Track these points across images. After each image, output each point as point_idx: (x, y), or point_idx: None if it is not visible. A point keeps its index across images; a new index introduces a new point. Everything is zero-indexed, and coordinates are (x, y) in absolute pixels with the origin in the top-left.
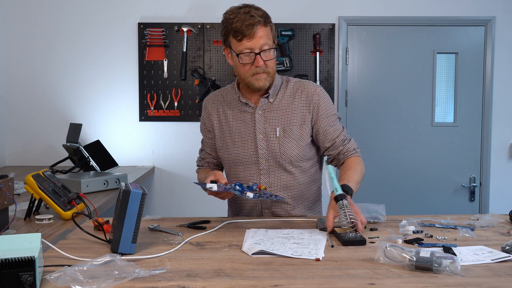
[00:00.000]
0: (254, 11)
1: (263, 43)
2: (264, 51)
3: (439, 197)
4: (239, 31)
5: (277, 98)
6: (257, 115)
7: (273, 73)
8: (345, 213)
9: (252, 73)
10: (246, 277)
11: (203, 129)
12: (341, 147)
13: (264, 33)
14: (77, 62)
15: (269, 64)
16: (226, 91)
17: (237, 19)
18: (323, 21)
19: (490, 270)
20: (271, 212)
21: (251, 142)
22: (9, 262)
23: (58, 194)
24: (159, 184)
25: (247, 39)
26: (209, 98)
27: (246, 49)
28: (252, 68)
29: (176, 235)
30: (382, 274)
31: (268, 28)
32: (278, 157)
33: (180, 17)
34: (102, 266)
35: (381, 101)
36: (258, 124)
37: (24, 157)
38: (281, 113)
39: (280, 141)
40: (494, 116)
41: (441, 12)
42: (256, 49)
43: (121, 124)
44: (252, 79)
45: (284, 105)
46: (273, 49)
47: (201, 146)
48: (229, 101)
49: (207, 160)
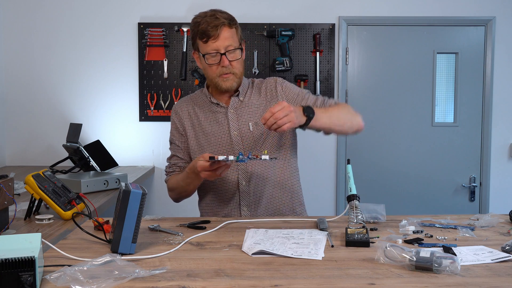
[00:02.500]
0: (219, 14)
1: (228, 43)
2: (229, 52)
3: (439, 197)
4: (205, 33)
5: (246, 96)
6: (229, 113)
7: (240, 74)
8: (354, 213)
9: (219, 74)
10: (246, 277)
11: (174, 134)
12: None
13: (229, 34)
14: (77, 62)
15: (234, 64)
16: (195, 96)
17: (203, 21)
18: (323, 21)
19: (490, 270)
20: (250, 211)
21: (226, 140)
22: (9, 262)
23: (58, 194)
24: (159, 184)
25: (212, 40)
26: (178, 103)
27: (212, 50)
28: (218, 68)
29: (176, 235)
30: (382, 274)
31: (233, 30)
32: (254, 150)
33: (180, 17)
34: (102, 266)
35: (381, 101)
36: (232, 122)
37: (24, 157)
38: (252, 109)
39: (254, 134)
40: (494, 116)
41: (441, 12)
42: (221, 49)
43: (121, 124)
44: (219, 79)
45: (254, 101)
46: (238, 49)
47: (171, 153)
48: (200, 104)
49: (179, 165)
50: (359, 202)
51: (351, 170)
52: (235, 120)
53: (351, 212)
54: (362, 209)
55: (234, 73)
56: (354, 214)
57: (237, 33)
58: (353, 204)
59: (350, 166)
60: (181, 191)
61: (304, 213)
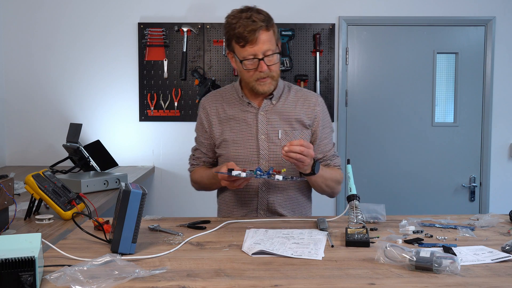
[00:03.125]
0: (256, 16)
1: (266, 48)
2: (267, 56)
3: (439, 197)
4: (242, 37)
5: (279, 101)
6: (259, 116)
7: (277, 76)
8: (354, 213)
9: (256, 78)
10: (246, 277)
11: (199, 129)
12: (329, 161)
13: (267, 37)
14: (77, 62)
15: (272, 68)
16: (226, 91)
17: (239, 24)
18: (323, 21)
19: (490, 270)
20: (266, 215)
21: (252, 142)
22: (9, 262)
23: (58, 194)
24: (159, 184)
25: (250, 45)
26: (207, 97)
27: (249, 55)
28: (256, 73)
29: (176, 235)
30: (382, 274)
31: (270, 32)
32: (280, 159)
33: (180, 17)
34: (102, 266)
35: (381, 101)
36: (261, 125)
37: (24, 157)
38: (283, 116)
39: (282, 143)
40: (494, 116)
41: (441, 12)
42: (259, 54)
43: (121, 124)
44: (256, 84)
45: (287, 109)
46: (277, 53)
47: (196, 145)
48: (230, 100)
49: (203, 159)
50: (359, 202)
51: (351, 170)
52: (264, 124)
53: (351, 212)
54: (362, 209)
55: (272, 77)
56: (354, 214)
57: (274, 34)
58: (353, 204)
59: (350, 166)
60: (204, 187)
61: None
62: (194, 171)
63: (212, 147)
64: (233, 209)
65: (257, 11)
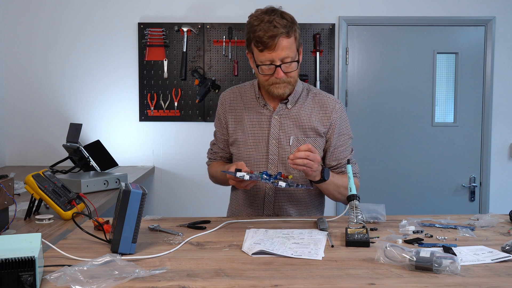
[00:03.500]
0: (278, 20)
1: (285, 55)
2: (285, 63)
3: (439, 197)
4: (261, 42)
5: (296, 106)
6: (273, 119)
7: (294, 82)
8: (354, 213)
9: (271, 83)
10: (246, 277)
11: (217, 124)
12: (344, 169)
13: (287, 44)
14: (77, 62)
15: (290, 75)
16: (245, 89)
17: (259, 27)
18: (323, 21)
19: (490, 270)
20: (272, 212)
21: (263, 146)
22: (9, 262)
23: (58, 194)
24: (159, 184)
25: (268, 51)
26: (227, 93)
27: (267, 61)
28: (272, 78)
29: (176, 235)
30: (382, 274)
31: (291, 39)
32: (288, 165)
33: (180, 17)
34: (102, 266)
35: (381, 101)
36: (273, 129)
37: (24, 157)
38: (298, 121)
39: (293, 150)
40: (494, 116)
41: (441, 12)
42: (277, 61)
43: (121, 124)
44: (272, 87)
45: (302, 114)
46: (296, 61)
47: (214, 139)
48: (247, 99)
49: (220, 154)
50: (359, 202)
51: (351, 170)
52: (277, 128)
53: (351, 212)
54: (362, 209)
55: (289, 82)
56: (354, 214)
57: (295, 41)
58: (353, 204)
59: (350, 166)
60: (220, 182)
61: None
62: (211, 165)
63: (228, 143)
64: (242, 208)
65: (281, 14)
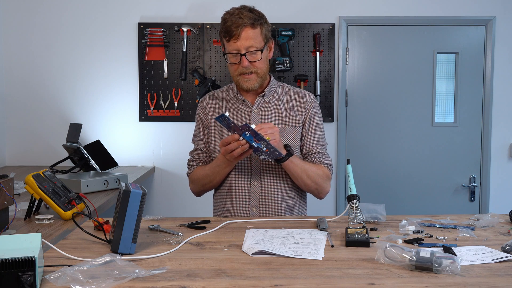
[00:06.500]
0: (245, 13)
1: (249, 44)
2: (250, 52)
3: (439, 197)
4: (228, 32)
5: (273, 99)
6: (253, 113)
7: (263, 73)
8: (354, 213)
9: (239, 73)
10: (246, 277)
11: (199, 127)
12: (314, 159)
13: (252, 34)
14: (77, 62)
15: (256, 65)
16: (222, 91)
17: (228, 19)
18: (323, 21)
19: (490, 270)
20: (258, 212)
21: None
22: (9, 262)
23: (58, 194)
24: (159, 184)
25: (233, 40)
26: (204, 98)
27: (233, 50)
28: (239, 68)
29: (176, 235)
30: (382, 274)
31: (257, 30)
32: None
33: (180, 17)
34: (102, 266)
35: (381, 101)
36: (254, 122)
37: (24, 157)
38: (276, 113)
39: None
40: (494, 116)
41: (441, 12)
42: (241, 50)
43: (121, 124)
44: (241, 78)
45: (280, 106)
46: (260, 50)
47: (194, 146)
48: (225, 99)
49: (203, 159)
50: (359, 202)
51: (351, 170)
52: (257, 120)
53: (351, 212)
54: (362, 209)
55: (256, 73)
56: (354, 214)
57: (261, 33)
58: (353, 204)
59: (350, 166)
60: (207, 181)
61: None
62: (193, 171)
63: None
64: (226, 206)
65: (249, 9)
